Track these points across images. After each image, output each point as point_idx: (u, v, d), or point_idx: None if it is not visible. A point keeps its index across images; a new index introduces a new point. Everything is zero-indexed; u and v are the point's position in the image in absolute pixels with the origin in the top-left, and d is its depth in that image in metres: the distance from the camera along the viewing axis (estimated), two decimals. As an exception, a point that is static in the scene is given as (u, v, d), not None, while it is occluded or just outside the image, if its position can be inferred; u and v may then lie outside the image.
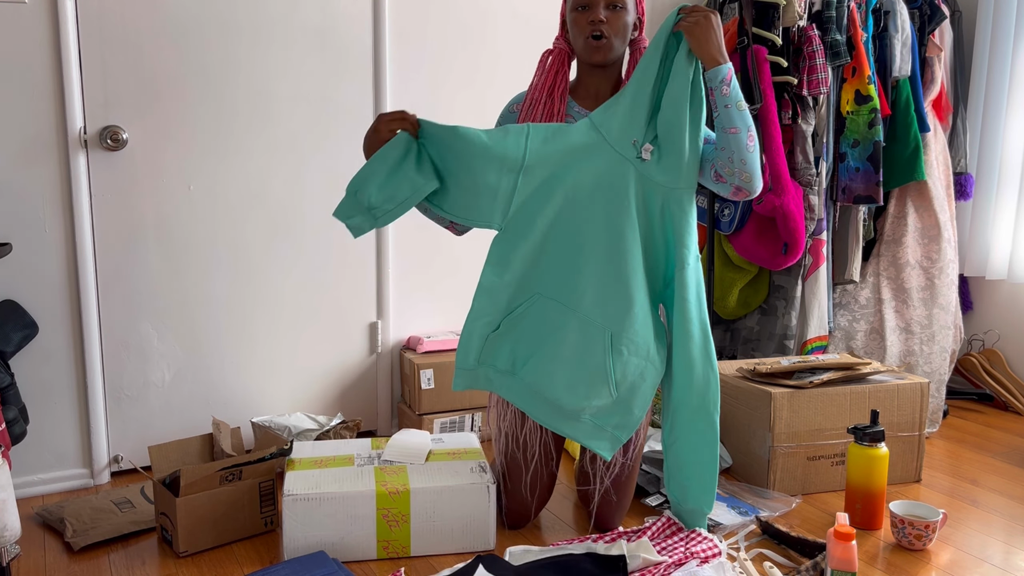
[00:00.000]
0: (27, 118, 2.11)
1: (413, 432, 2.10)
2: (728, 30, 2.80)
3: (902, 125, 2.80)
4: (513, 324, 1.81)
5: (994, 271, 3.01)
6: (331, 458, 1.98)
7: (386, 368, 2.67)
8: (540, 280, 1.81)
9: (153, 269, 2.31)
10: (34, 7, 2.08)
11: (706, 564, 1.73)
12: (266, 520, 1.95)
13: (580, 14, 1.82)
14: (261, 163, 2.40)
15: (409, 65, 2.57)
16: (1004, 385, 3.01)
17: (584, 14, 1.82)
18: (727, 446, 2.36)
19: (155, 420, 2.36)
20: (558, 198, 1.78)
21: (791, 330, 2.81)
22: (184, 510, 1.83)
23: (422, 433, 2.09)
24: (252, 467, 1.90)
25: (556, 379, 1.77)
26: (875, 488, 1.99)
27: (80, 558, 1.87)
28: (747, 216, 2.80)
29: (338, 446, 2.07)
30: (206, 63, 2.29)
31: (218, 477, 1.85)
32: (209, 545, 1.88)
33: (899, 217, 2.86)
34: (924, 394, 2.26)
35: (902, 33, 2.78)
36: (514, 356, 1.81)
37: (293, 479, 1.85)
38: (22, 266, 2.15)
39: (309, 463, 1.94)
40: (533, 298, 1.81)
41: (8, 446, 1.85)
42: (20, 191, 2.13)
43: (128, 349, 2.31)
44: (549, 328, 1.79)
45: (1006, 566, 1.84)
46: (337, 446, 2.07)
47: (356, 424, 2.39)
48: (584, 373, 1.76)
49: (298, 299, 2.51)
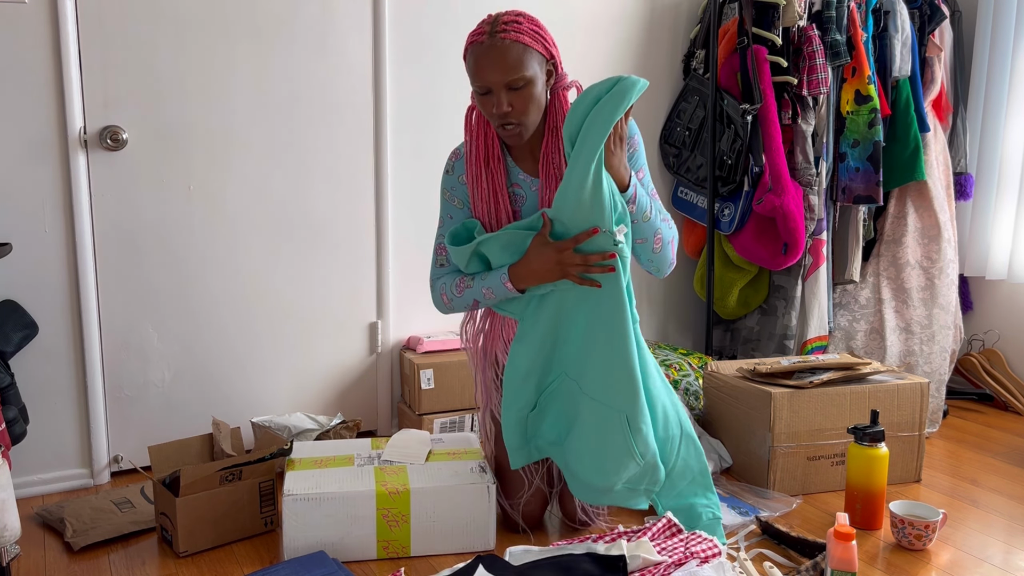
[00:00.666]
0: (27, 118, 2.11)
1: (413, 432, 2.10)
2: (728, 30, 2.80)
3: (902, 125, 2.80)
4: (548, 402, 1.87)
5: (994, 271, 3.01)
6: (331, 458, 1.98)
7: (386, 368, 2.67)
8: (563, 359, 1.85)
9: (153, 269, 2.31)
10: (34, 7, 2.08)
11: (706, 564, 1.73)
12: (266, 520, 1.95)
13: (484, 98, 1.69)
14: (261, 163, 2.40)
15: (409, 65, 2.57)
16: (1004, 385, 3.01)
17: (487, 99, 1.68)
18: (727, 446, 2.36)
19: (155, 420, 2.36)
20: (555, 294, 1.80)
21: (791, 330, 2.81)
22: (184, 510, 1.83)
23: (422, 433, 2.10)
24: (252, 467, 1.90)
25: (585, 463, 1.81)
26: (875, 488, 1.99)
27: (80, 558, 1.87)
28: (747, 216, 2.80)
29: (338, 446, 2.07)
30: (206, 63, 2.29)
31: (218, 477, 1.85)
32: (209, 545, 1.88)
33: (899, 217, 2.86)
34: (924, 394, 2.26)
35: (902, 33, 2.78)
36: (556, 430, 1.88)
37: (293, 479, 1.85)
38: (22, 266, 2.15)
39: (309, 463, 1.94)
40: (560, 377, 1.85)
41: (8, 446, 1.85)
42: (20, 191, 2.13)
43: (128, 349, 2.31)
44: (575, 410, 1.84)
45: (1006, 566, 1.84)
46: (337, 446, 2.07)
47: (356, 424, 2.39)
48: (609, 456, 1.79)
49: (298, 299, 2.51)
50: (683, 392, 2.56)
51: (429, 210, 2.66)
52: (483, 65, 1.64)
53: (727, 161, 2.79)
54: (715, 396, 2.40)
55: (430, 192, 2.66)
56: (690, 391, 2.57)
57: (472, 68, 1.67)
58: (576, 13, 2.80)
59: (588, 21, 2.82)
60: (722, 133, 2.80)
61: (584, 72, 2.84)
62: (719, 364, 2.45)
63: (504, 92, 1.65)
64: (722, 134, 2.80)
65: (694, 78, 2.90)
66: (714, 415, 2.42)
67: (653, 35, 2.96)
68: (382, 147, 2.55)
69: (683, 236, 3.11)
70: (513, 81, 1.64)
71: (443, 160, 2.65)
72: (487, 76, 1.64)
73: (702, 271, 2.95)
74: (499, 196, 1.78)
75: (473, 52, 1.66)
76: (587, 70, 2.85)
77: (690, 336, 3.21)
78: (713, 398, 2.41)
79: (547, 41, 1.69)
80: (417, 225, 2.65)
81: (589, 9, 2.82)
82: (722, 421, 2.38)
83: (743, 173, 2.76)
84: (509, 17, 1.66)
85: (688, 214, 3.00)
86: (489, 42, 1.63)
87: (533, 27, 1.67)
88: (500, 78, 1.64)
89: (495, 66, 1.63)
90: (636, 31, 2.92)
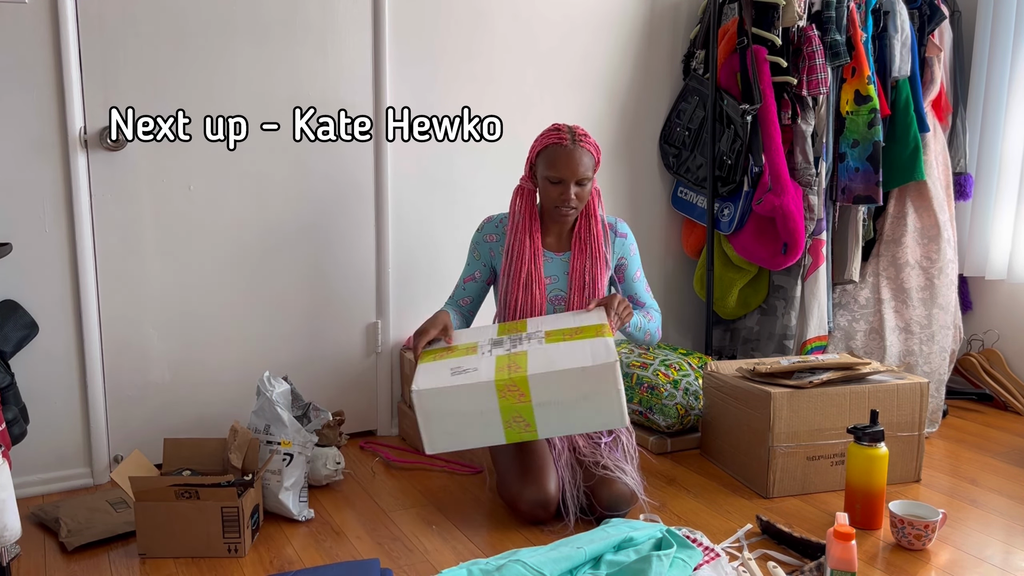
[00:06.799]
0: (27, 118, 2.11)
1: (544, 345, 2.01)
2: (728, 30, 2.80)
3: (902, 125, 2.80)
4: None
5: (994, 271, 3.01)
6: (459, 347, 2.05)
7: (386, 368, 2.68)
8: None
9: (153, 269, 2.31)
10: (34, 7, 2.08)
11: (705, 565, 1.73)
12: (230, 547, 1.87)
13: (552, 186, 2.12)
14: (261, 163, 2.40)
15: (409, 65, 2.57)
16: (1004, 385, 3.01)
17: (556, 187, 2.11)
18: (727, 446, 2.36)
19: (155, 420, 2.36)
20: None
21: (791, 330, 2.81)
22: (143, 514, 1.84)
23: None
24: (209, 490, 1.85)
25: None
26: (875, 488, 1.99)
27: (80, 558, 1.87)
28: (747, 216, 2.80)
29: (467, 334, 2.14)
30: (206, 63, 2.29)
31: (173, 492, 1.83)
32: (169, 554, 1.86)
33: (899, 217, 2.86)
34: (924, 394, 2.26)
35: (901, 33, 2.79)
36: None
37: (422, 372, 1.93)
38: (22, 266, 2.15)
39: (437, 353, 2.03)
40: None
41: (8, 446, 1.85)
42: (20, 191, 2.13)
43: (128, 349, 2.31)
44: None
45: (1006, 566, 1.84)
46: (466, 334, 2.14)
47: (339, 417, 2.37)
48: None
49: (298, 299, 2.51)
50: (683, 392, 2.56)
51: (429, 210, 2.66)
52: (564, 163, 2.09)
53: (727, 161, 2.79)
54: (715, 396, 2.40)
55: (430, 192, 2.66)
56: (690, 391, 2.57)
57: (551, 162, 2.10)
58: (576, 13, 2.80)
59: (588, 21, 2.82)
60: (722, 133, 2.80)
61: (584, 72, 2.84)
62: (719, 364, 2.45)
63: (573, 186, 2.10)
64: (722, 134, 2.80)
65: (694, 78, 2.90)
66: (714, 415, 2.42)
67: (653, 35, 2.96)
68: (382, 147, 2.55)
69: (683, 236, 3.11)
70: (582, 179, 2.10)
71: (442, 160, 2.66)
72: (565, 172, 2.09)
73: (702, 271, 2.96)
74: (537, 261, 2.19)
75: (555, 151, 2.10)
76: (587, 70, 2.85)
77: (690, 336, 3.22)
78: (713, 398, 2.41)
79: (598, 153, 2.15)
80: (417, 225, 2.66)
81: (589, 9, 2.82)
82: (722, 421, 2.38)
83: (743, 173, 2.76)
84: (582, 131, 2.13)
85: (688, 214, 3.00)
86: (572, 147, 2.09)
87: (595, 141, 2.19)
88: (574, 176, 2.09)
89: (574, 166, 2.09)
90: (636, 31, 2.92)
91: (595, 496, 2.03)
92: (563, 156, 2.09)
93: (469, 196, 2.71)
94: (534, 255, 2.19)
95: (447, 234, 2.71)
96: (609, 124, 2.93)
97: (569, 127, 2.13)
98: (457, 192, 2.70)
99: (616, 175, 2.97)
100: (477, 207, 2.73)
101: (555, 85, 2.80)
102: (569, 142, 2.10)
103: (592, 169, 2.13)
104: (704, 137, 2.85)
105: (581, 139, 2.11)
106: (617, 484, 2.02)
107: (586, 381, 1.85)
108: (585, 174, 2.10)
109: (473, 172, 2.71)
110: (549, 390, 1.86)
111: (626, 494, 2.02)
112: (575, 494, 2.05)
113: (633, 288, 2.28)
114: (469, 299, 2.29)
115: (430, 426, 1.91)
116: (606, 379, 1.85)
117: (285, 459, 2.02)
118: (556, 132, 2.12)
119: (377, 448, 2.55)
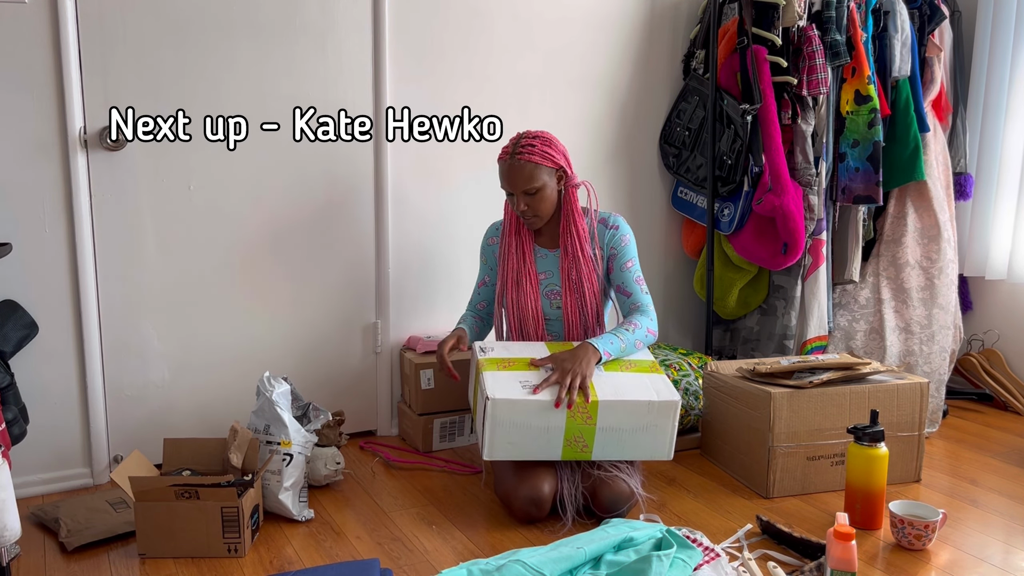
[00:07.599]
0: (27, 118, 2.11)
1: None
2: (728, 30, 2.80)
3: (902, 125, 2.80)
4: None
5: (994, 271, 3.01)
6: (517, 360, 2.09)
7: (386, 368, 2.67)
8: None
9: (153, 269, 2.31)
10: (34, 7, 2.08)
11: (705, 565, 1.73)
12: (229, 547, 1.87)
13: (509, 198, 2.20)
14: (261, 163, 2.40)
15: (409, 64, 2.57)
16: (1004, 385, 3.01)
17: (511, 198, 2.19)
18: (727, 446, 2.36)
19: (155, 420, 2.36)
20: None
21: (791, 330, 2.81)
22: (142, 514, 1.84)
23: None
24: (210, 490, 1.85)
25: None
26: (875, 488, 1.99)
27: (80, 558, 1.87)
28: (747, 216, 2.80)
29: (521, 348, 2.17)
30: (206, 63, 2.29)
31: (173, 492, 1.83)
32: (169, 554, 1.86)
33: (899, 217, 2.86)
34: (924, 394, 2.26)
35: (902, 33, 2.78)
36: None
37: (491, 380, 1.97)
38: (22, 266, 2.15)
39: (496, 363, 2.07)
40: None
41: (8, 446, 1.85)
42: (20, 191, 2.13)
43: (128, 349, 2.31)
44: None
45: (1005, 566, 1.84)
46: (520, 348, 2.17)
47: (338, 417, 2.37)
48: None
49: (298, 299, 2.51)
50: (683, 392, 2.56)
51: (428, 210, 2.66)
52: (506, 177, 2.17)
53: (727, 161, 2.79)
54: (715, 396, 2.40)
55: (430, 193, 2.66)
56: (690, 391, 2.57)
57: (500, 176, 2.19)
58: (576, 13, 2.80)
59: (588, 21, 2.82)
60: (722, 133, 2.80)
61: (584, 72, 2.84)
62: (719, 364, 2.45)
63: (521, 196, 2.17)
64: (722, 134, 2.80)
65: (694, 78, 2.90)
66: (714, 415, 2.42)
67: (653, 35, 2.96)
68: (382, 147, 2.55)
69: (683, 236, 3.11)
70: (527, 190, 2.15)
71: (441, 160, 2.66)
72: (508, 185, 2.17)
73: (702, 271, 2.96)
74: (526, 257, 2.26)
75: (501, 166, 2.19)
76: (587, 70, 2.85)
77: (690, 336, 3.22)
78: (713, 398, 2.41)
79: (555, 156, 2.17)
80: (417, 225, 2.66)
81: (589, 9, 2.82)
82: (722, 421, 2.38)
83: (743, 173, 2.76)
84: (527, 140, 2.16)
85: (688, 214, 3.00)
86: (511, 161, 2.15)
87: (544, 147, 2.17)
88: (517, 188, 2.15)
89: (514, 179, 2.15)
90: (636, 31, 2.92)
91: (594, 496, 2.03)
92: (504, 171, 2.17)
93: (469, 196, 2.71)
94: (523, 252, 2.26)
95: (447, 234, 2.71)
96: (609, 124, 2.93)
97: (518, 139, 2.17)
98: (457, 192, 2.70)
99: (616, 175, 2.97)
100: (477, 207, 2.73)
101: (555, 85, 2.80)
102: (509, 156, 2.16)
103: (538, 179, 2.14)
104: (704, 137, 2.85)
105: (521, 152, 2.14)
106: (616, 484, 2.02)
107: (650, 413, 1.98)
108: (527, 185, 2.13)
109: (473, 172, 2.71)
110: (615, 416, 1.97)
111: (625, 493, 2.02)
112: (573, 493, 2.05)
113: (622, 278, 2.24)
114: (485, 303, 2.39)
115: (495, 434, 1.95)
116: (667, 415, 1.99)
117: (285, 459, 2.02)
118: (505, 146, 2.19)
119: (377, 448, 2.55)
